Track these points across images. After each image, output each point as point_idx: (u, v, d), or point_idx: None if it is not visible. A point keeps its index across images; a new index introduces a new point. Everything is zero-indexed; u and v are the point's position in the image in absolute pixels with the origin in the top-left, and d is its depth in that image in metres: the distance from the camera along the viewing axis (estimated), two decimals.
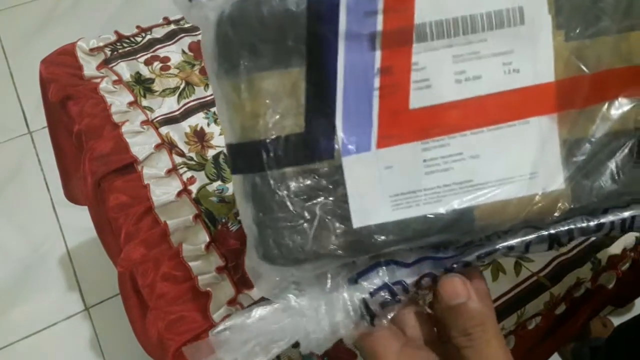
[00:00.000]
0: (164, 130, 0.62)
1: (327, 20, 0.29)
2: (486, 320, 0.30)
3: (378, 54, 0.29)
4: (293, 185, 0.30)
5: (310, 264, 0.31)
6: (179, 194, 0.57)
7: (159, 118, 0.63)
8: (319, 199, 0.30)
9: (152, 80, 0.66)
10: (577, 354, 1.04)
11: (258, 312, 0.32)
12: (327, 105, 0.29)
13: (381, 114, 0.30)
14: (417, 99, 0.30)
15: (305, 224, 0.30)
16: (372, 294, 0.31)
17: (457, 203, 0.30)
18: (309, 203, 0.30)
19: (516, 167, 0.30)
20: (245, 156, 0.30)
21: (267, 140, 0.30)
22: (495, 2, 0.29)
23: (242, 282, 0.52)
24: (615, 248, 0.57)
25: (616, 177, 0.31)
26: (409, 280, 0.31)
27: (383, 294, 0.31)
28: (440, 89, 0.30)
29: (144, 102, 0.64)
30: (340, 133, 0.30)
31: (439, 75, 0.29)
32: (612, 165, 0.30)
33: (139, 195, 0.57)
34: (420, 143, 0.30)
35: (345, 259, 0.31)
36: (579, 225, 0.31)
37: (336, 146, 0.30)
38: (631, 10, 0.30)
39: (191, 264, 0.53)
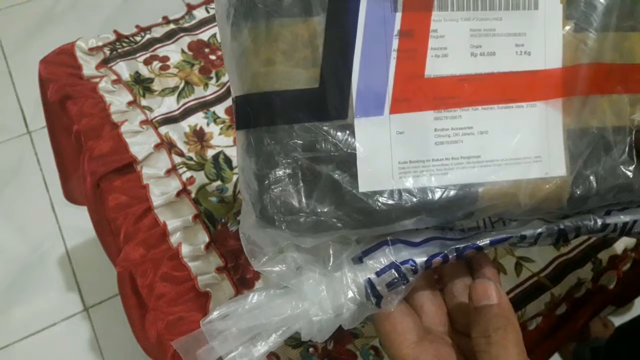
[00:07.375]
0: (163, 130, 0.62)
1: None
2: (507, 325, 0.29)
3: (399, 15, 0.29)
4: (301, 142, 0.29)
5: (309, 232, 0.29)
6: (179, 194, 0.57)
7: (159, 118, 0.62)
8: (326, 159, 0.29)
9: (151, 80, 0.66)
10: (578, 354, 1.04)
11: (255, 297, 0.31)
12: (345, 62, 0.29)
13: (397, 77, 0.29)
14: (433, 67, 0.30)
15: (310, 184, 0.29)
16: (378, 274, 0.30)
17: (464, 178, 0.30)
18: (316, 162, 0.29)
19: (522, 148, 0.30)
20: (253, 108, 0.29)
21: (278, 92, 0.28)
22: None
23: (242, 283, 0.52)
24: (616, 248, 0.57)
25: (616, 172, 0.31)
26: (418, 259, 0.30)
27: (390, 273, 0.30)
28: (456, 60, 0.30)
29: (143, 102, 0.64)
30: (355, 92, 0.29)
31: (456, 46, 0.30)
32: (610, 159, 0.31)
33: (138, 195, 0.57)
34: (433, 112, 0.30)
35: (346, 227, 0.30)
36: (586, 223, 0.31)
37: (350, 106, 0.29)
38: (634, 11, 0.31)
39: (191, 264, 0.53)
